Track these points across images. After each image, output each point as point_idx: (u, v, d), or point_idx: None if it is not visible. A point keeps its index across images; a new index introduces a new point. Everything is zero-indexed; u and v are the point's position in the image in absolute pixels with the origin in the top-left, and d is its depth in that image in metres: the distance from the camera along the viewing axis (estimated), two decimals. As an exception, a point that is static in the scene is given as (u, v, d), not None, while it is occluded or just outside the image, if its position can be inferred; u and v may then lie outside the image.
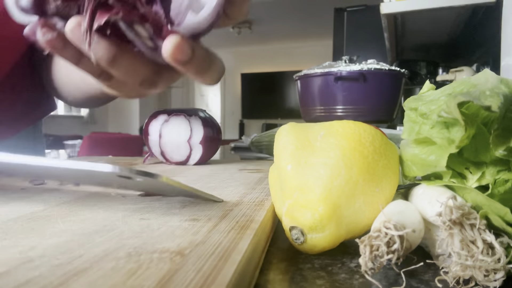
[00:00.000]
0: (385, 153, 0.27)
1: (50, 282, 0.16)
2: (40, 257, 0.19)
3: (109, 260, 0.19)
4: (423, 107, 0.27)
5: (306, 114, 1.12)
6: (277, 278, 0.23)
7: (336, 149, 0.25)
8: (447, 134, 0.24)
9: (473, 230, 0.21)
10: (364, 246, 0.21)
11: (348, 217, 0.25)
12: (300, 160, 0.26)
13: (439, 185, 0.25)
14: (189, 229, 0.24)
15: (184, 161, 0.58)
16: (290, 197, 0.25)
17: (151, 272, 0.17)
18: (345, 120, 0.28)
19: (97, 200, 0.33)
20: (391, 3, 1.21)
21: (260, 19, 5.98)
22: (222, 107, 8.38)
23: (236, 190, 0.38)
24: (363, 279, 0.23)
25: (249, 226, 0.25)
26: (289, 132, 0.28)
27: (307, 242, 0.25)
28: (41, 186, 0.38)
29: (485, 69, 0.27)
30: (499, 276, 0.20)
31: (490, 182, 0.25)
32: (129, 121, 7.26)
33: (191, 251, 0.20)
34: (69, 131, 6.17)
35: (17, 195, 0.34)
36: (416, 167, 0.27)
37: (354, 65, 1.01)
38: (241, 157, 1.20)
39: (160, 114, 0.59)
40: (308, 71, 1.07)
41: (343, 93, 1.01)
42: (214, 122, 0.59)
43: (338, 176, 0.24)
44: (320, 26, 5.91)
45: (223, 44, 7.62)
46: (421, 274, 0.24)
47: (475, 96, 0.22)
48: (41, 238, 0.22)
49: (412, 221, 0.23)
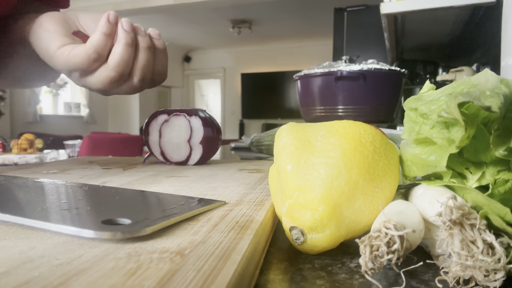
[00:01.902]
0: (385, 153, 0.27)
1: (50, 282, 0.16)
2: (40, 257, 0.19)
3: (109, 260, 0.19)
4: (423, 107, 0.27)
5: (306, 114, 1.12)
6: (277, 278, 0.23)
7: (336, 149, 0.25)
8: (447, 134, 0.24)
9: (473, 230, 0.21)
10: (364, 246, 0.21)
11: (348, 217, 0.25)
12: (300, 160, 0.26)
13: (439, 185, 0.25)
14: (189, 229, 0.24)
15: (184, 161, 0.58)
16: (290, 197, 0.25)
17: (151, 272, 0.17)
18: (345, 120, 0.28)
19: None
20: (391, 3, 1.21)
21: (260, 19, 5.98)
22: (222, 107, 8.38)
23: (236, 190, 0.37)
24: (363, 279, 0.23)
25: (249, 226, 0.25)
26: (289, 132, 0.28)
27: (307, 242, 0.25)
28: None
29: (485, 69, 0.27)
30: (499, 276, 0.20)
31: (490, 182, 0.25)
32: (129, 121, 7.27)
33: (191, 251, 0.20)
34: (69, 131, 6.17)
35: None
36: (416, 167, 0.27)
37: (354, 65, 1.01)
38: (241, 157, 1.20)
39: (160, 114, 0.59)
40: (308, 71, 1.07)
41: (343, 93, 1.01)
42: (214, 122, 0.59)
43: (338, 176, 0.24)
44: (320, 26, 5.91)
45: (223, 44, 7.62)
46: (421, 274, 0.24)
47: (475, 96, 0.22)
48: (41, 238, 0.22)
49: (412, 221, 0.23)
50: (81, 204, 0.30)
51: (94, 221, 0.24)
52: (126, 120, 7.27)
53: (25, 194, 0.34)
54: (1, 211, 0.26)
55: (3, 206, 0.28)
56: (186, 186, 0.40)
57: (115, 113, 7.38)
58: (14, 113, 5.60)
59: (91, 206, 0.29)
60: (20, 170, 0.51)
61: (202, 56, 8.30)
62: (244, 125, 8.07)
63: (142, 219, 0.24)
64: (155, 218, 0.25)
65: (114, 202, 0.31)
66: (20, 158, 1.06)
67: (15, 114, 5.63)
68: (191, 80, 8.58)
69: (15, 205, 0.30)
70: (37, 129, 5.62)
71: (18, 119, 5.69)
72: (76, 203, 0.30)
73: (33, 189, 0.36)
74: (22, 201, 0.31)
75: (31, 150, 1.28)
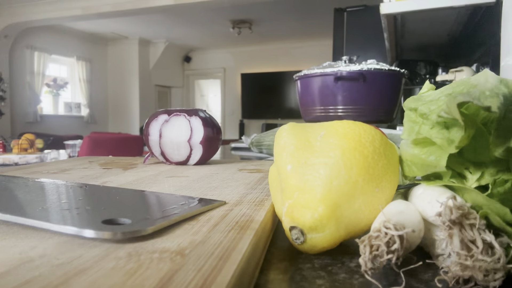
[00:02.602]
0: (385, 153, 0.27)
1: (50, 282, 0.16)
2: (40, 257, 0.19)
3: (109, 260, 0.19)
4: (423, 107, 0.27)
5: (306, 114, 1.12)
6: (277, 278, 0.23)
7: (336, 149, 0.25)
8: (447, 134, 0.24)
9: (473, 230, 0.21)
10: (364, 246, 0.21)
11: (348, 217, 0.25)
12: (300, 160, 0.26)
13: (439, 185, 0.25)
14: (189, 229, 0.24)
15: (184, 161, 0.58)
16: (290, 197, 0.25)
17: (151, 272, 0.17)
18: (345, 120, 0.28)
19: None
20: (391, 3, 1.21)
21: (260, 19, 5.97)
22: (222, 107, 8.38)
23: (236, 190, 0.38)
24: (363, 279, 0.23)
25: (249, 226, 0.25)
26: (289, 132, 0.28)
27: (307, 242, 0.25)
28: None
29: (485, 69, 0.27)
30: (499, 276, 0.20)
31: (490, 182, 0.25)
32: (129, 121, 7.26)
33: (191, 251, 0.20)
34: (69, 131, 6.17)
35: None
36: (416, 167, 0.27)
37: (354, 65, 1.01)
38: (241, 157, 1.20)
39: (160, 114, 0.59)
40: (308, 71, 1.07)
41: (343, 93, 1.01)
42: (214, 122, 0.59)
43: (338, 176, 0.24)
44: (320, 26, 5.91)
45: (223, 44, 7.62)
46: (421, 274, 0.24)
47: (475, 96, 0.22)
48: (41, 238, 0.22)
49: (412, 221, 0.23)
50: (82, 204, 0.30)
51: (95, 221, 0.24)
52: (126, 120, 7.27)
53: (25, 194, 0.34)
54: (2, 211, 0.26)
55: (4, 206, 0.28)
56: (186, 186, 0.40)
57: (115, 113, 7.38)
58: (14, 113, 5.60)
59: (92, 206, 0.29)
60: (20, 170, 0.51)
61: (202, 56, 8.30)
62: (244, 125, 8.06)
63: (143, 219, 0.24)
64: (155, 218, 0.25)
65: (115, 202, 0.31)
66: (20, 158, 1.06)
67: (16, 114, 5.64)
68: (191, 80, 8.58)
69: (15, 205, 0.30)
70: (38, 129, 5.62)
71: (19, 119, 5.70)
72: (76, 203, 0.30)
73: (34, 189, 0.36)
74: (22, 201, 0.31)
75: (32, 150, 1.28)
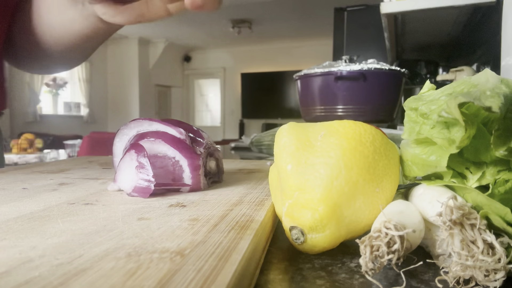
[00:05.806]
0: (385, 153, 0.26)
1: (50, 282, 0.16)
2: (40, 257, 0.19)
3: (109, 260, 0.19)
4: (423, 107, 0.27)
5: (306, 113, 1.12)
6: (277, 278, 0.23)
7: (336, 149, 0.25)
8: (448, 134, 0.24)
9: (474, 230, 0.21)
10: (365, 247, 0.21)
11: (348, 217, 0.25)
12: (300, 160, 0.26)
13: (440, 185, 0.25)
14: (189, 229, 0.24)
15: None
16: (290, 197, 0.25)
17: (151, 272, 0.17)
18: (346, 120, 0.28)
19: (97, 199, 0.33)
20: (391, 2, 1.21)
21: (260, 19, 5.97)
22: (222, 107, 8.38)
23: (236, 190, 0.37)
24: (363, 279, 0.23)
25: (249, 226, 0.25)
26: (289, 132, 0.28)
27: (307, 242, 0.25)
28: (41, 186, 0.38)
29: (485, 69, 0.27)
30: (500, 276, 0.20)
31: (491, 182, 0.25)
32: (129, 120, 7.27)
33: (191, 251, 0.20)
34: (69, 131, 6.17)
35: (17, 195, 0.34)
36: (416, 167, 0.27)
37: (354, 64, 1.01)
38: (241, 157, 1.20)
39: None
40: (308, 70, 1.07)
41: (343, 93, 1.01)
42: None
43: (338, 176, 0.24)
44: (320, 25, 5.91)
45: (223, 44, 7.62)
46: (421, 274, 0.24)
47: (476, 96, 0.22)
48: (41, 238, 0.22)
49: (412, 221, 0.23)
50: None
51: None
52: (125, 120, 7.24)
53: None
54: None
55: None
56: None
57: (114, 113, 7.38)
58: (14, 113, 5.60)
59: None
60: (20, 170, 0.51)
61: (202, 56, 8.30)
62: (244, 125, 8.07)
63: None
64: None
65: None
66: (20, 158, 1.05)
67: (15, 114, 5.63)
68: (191, 80, 8.58)
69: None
70: (37, 129, 5.62)
71: (18, 119, 5.69)
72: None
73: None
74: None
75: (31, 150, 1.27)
